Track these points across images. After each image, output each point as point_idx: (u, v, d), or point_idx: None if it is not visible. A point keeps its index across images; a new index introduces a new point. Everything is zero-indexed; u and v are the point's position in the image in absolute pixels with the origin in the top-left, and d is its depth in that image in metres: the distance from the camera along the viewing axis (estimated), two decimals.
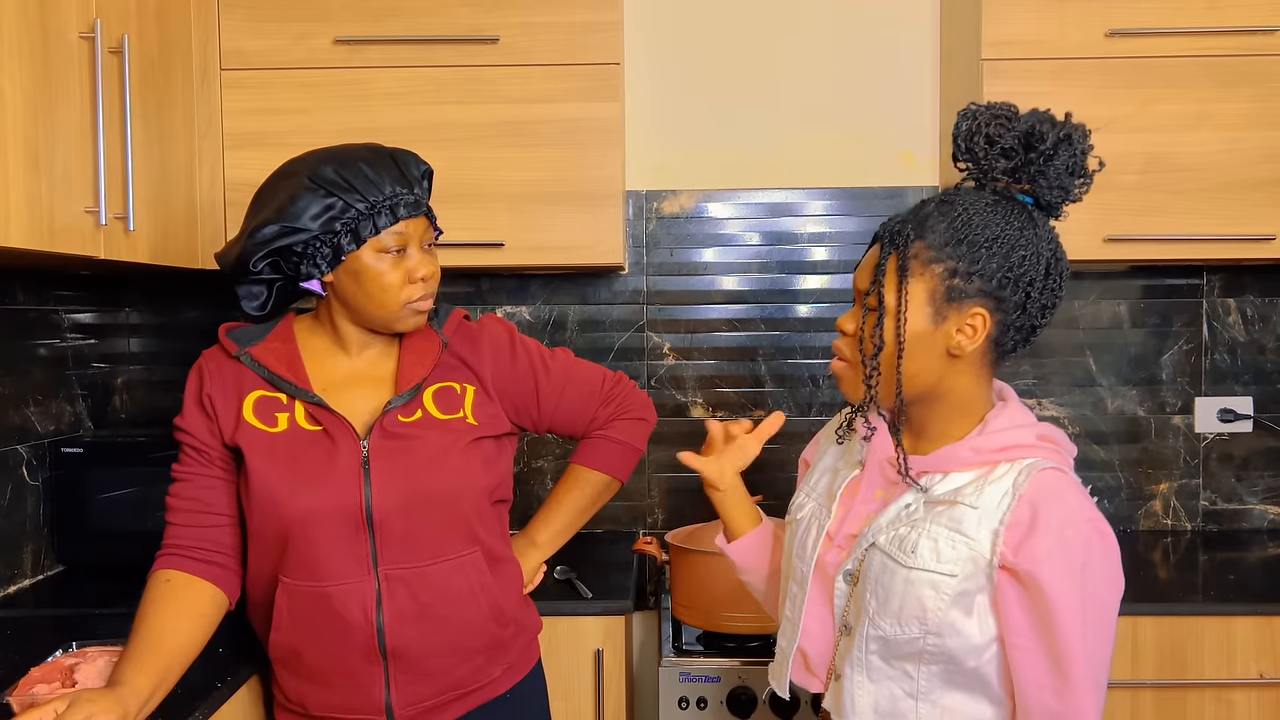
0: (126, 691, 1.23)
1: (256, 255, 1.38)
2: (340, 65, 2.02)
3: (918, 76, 2.36)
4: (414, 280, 1.41)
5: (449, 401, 1.46)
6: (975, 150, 1.18)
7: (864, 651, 1.19)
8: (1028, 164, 1.17)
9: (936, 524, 1.15)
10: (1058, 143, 1.15)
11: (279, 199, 1.38)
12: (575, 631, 1.87)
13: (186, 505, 1.43)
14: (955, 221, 1.15)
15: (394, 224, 1.38)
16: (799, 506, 1.33)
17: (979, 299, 1.14)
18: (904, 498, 1.19)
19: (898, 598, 1.15)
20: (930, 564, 1.14)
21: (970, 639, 1.14)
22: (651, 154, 2.38)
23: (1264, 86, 2.00)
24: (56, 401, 2.08)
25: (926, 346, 1.16)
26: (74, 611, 1.80)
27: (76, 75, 1.55)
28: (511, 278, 2.38)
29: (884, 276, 1.17)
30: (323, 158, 1.40)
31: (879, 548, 1.18)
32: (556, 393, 1.57)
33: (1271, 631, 1.83)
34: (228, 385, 1.44)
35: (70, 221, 1.53)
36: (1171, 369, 2.36)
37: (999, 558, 1.12)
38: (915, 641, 1.15)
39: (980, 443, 1.17)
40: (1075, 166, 1.17)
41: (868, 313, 1.18)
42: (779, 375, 2.40)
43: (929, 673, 1.16)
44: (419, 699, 1.42)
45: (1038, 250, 1.15)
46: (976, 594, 1.13)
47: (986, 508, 1.13)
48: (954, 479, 1.18)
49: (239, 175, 2.02)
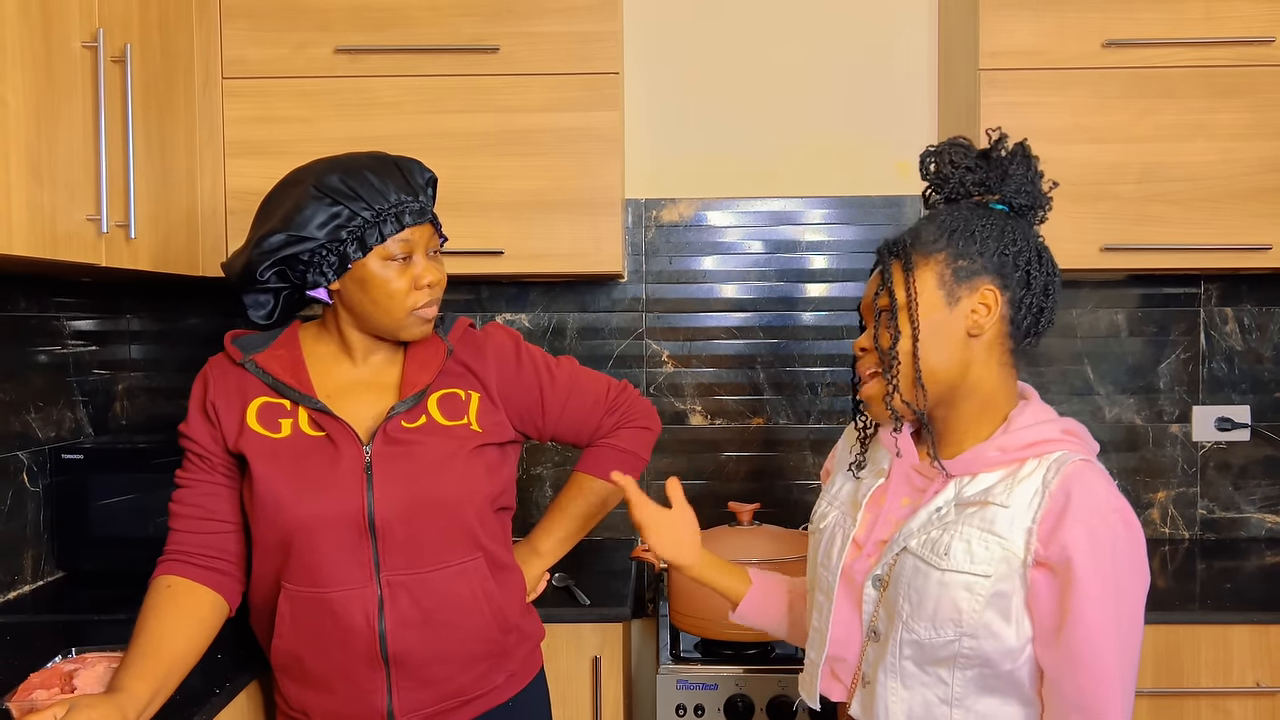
0: (125, 698, 1.24)
1: (263, 264, 1.39)
2: (341, 74, 2.03)
3: (915, 87, 2.37)
4: (420, 287, 1.42)
5: (453, 408, 1.47)
6: (944, 175, 1.27)
7: (898, 657, 1.19)
8: (990, 174, 1.25)
9: (969, 525, 1.17)
10: (1013, 149, 1.25)
11: (285, 208, 1.39)
12: (573, 638, 1.87)
13: (189, 511, 1.44)
14: (945, 222, 1.23)
15: (399, 231, 1.39)
16: (822, 515, 1.34)
17: (986, 275, 1.20)
18: (935, 501, 1.21)
19: (932, 600, 1.16)
20: (964, 565, 1.15)
21: (1006, 642, 1.14)
22: (651, 162, 2.39)
23: (1261, 97, 2.01)
24: (57, 408, 2.08)
25: (946, 332, 1.20)
26: (74, 617, 1.80)
27: (79, 84, 1.56)
28: (511, 285, 2.38)
29: (890, 281, 1.22)
30: (328, 166, 1.41)
31: (911, 551, 1.19)
32: (561, 401, 1.58)
33: (1268, 640, 1.83)
34: (232, 392, 1.44)
35: (72, 229, 1.53)
36: (1169, 378, 2.37)
37: (1033, 555, 1.13)
38: (950, 645, 1.16)
39: (1006, 441, 1.19)
40: (1032, 172, 1.26)
41: (880, 314, 1.23)
42: (777, 383, 2.40)
43: (964, 678, 1.17)
44: (421, 705, 1.43)
45: (1026, 240, 1.22)
46: (1012, 595, 1.14)
47: (1018, 506, 1.15)
48: (982, 479, 1.19)
49: (240, 184, 2.03)
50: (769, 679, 1.82)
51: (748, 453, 2.40)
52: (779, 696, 1.80)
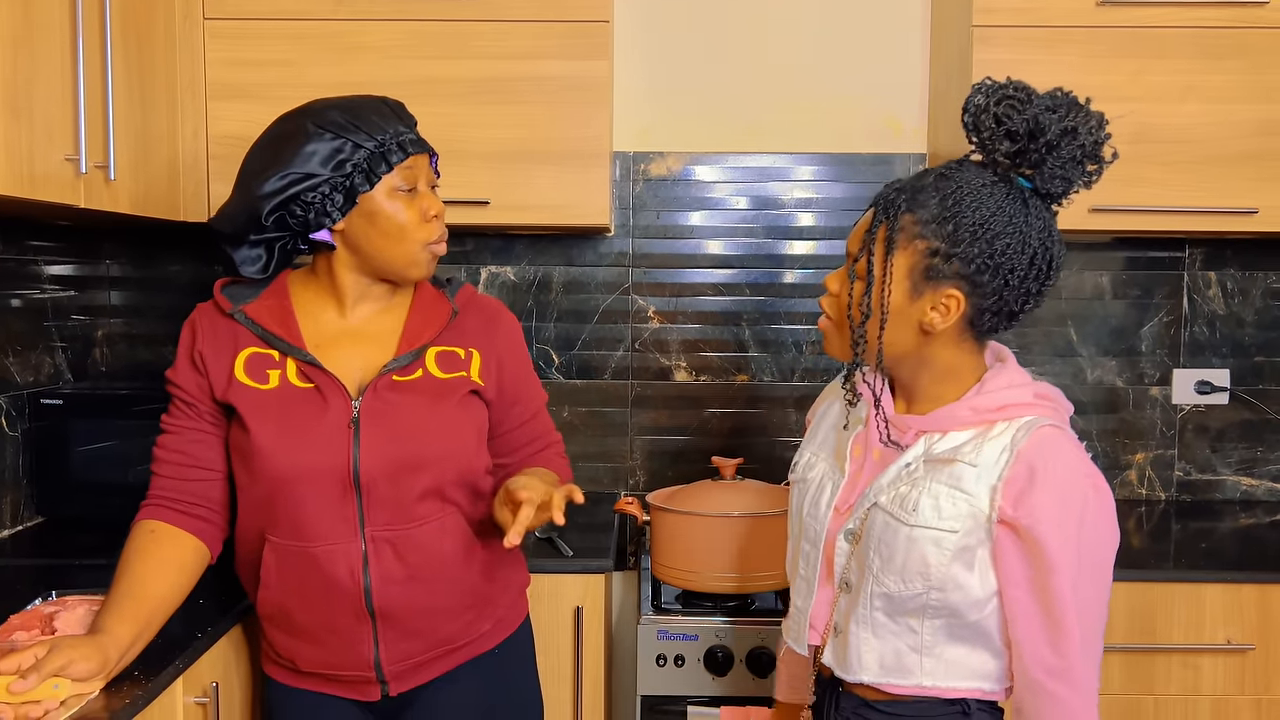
0: (107, 639, 1.24)
1: (268, 207, 1.37)
2: (325, 17, 1.99)
3: (908, 43, 2.35)
4: (429, 219, 1.41)
5: (452, 363, 1.46)
6: (982, 127, 1.18)
7: (869, 609, 1.22)
8: (1030, 151, 1.16)
9: (936, 481, 1.18)
10: (1061, 134, 1.15)
11: (285, 150, 1.36)
12: (556, 589, 1.88)
13: (173, 458, 1.43)
14: (947, 200, 1.16)
15: (404, 159, 1.39)
16: (808, 465, 1.35)
17: (955, 281, 1.16)
18: (903, 457, 1.22)
19: (901, 555, 1.18)
20: (932, 521, 1.17)
21: (971, 593, 1.17)
22: (640, 115, 2.37)
23: (1252, 59, 2.00)
24: (35, 353, 2.06)
25: (901, 320, 1.19)
26: (54, 562, 1.79)
27: (56, 20, 1.52)
28: (497, 238, 2.36)
29: (874, 244, 1.19)
30: (323, 105, 1.40)
31: (881, 507, 1.21)
32: (529, 412, 1.56)
33: (1240, 598, 1.86)
34: (221, 342, 1.42)
35: (50, 169, 1.51)
36: (1151, 340, 2.38)
37: (998, 512, 1.15)
38: (919, 597, 1.19)
39: (979, 402, 1.20)
40: (1082, 155, 1.17)
41: (855, 280, 1.21)
42: (763, 340, 2.40)
43: (932, 627, 1.20)
44: (408, 655, 1.43)
45: (1024, 240, 1.16)
46: (977, 549, 1.17)
47: (985, 464, 1.17)
48: (953, 437, 1.20)
49: (222, 128, 2.00)
50: (749, 630, 1.84)
51: (732, 409, 2.41)
52: (758, 648, 1.82)
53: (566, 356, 2.39)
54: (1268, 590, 1.86)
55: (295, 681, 1.47)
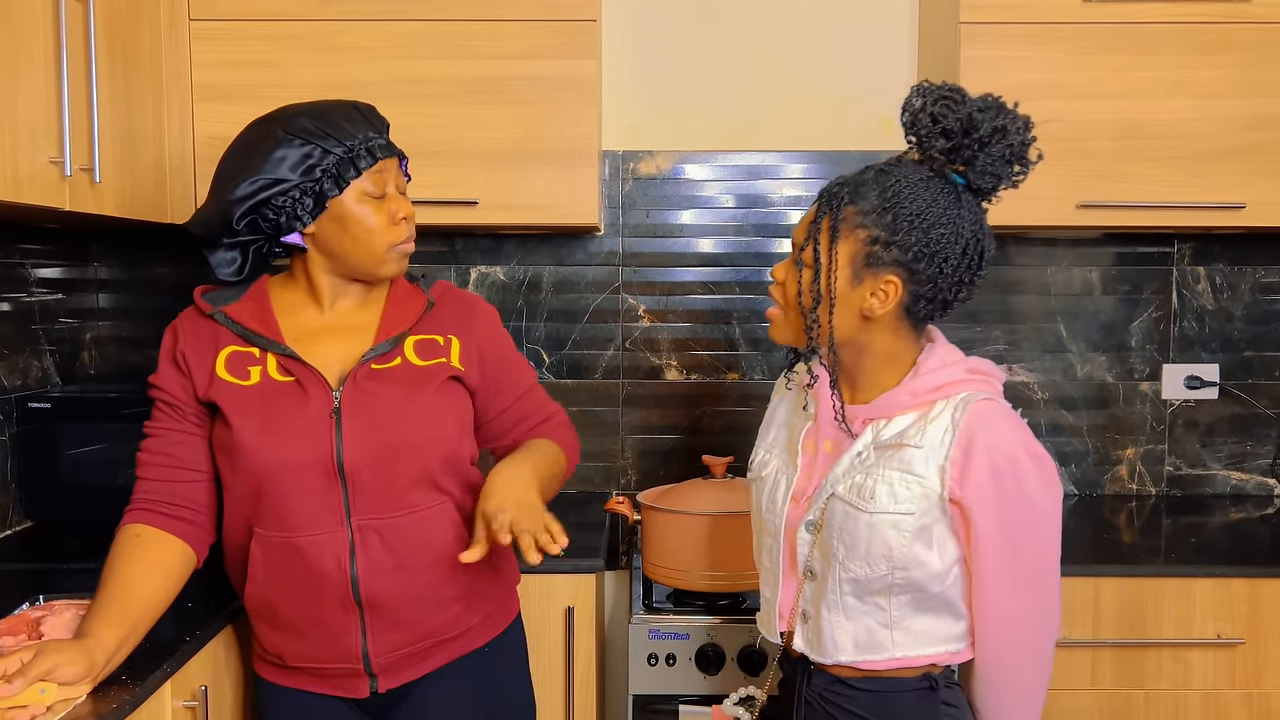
0: (94, 643, 1.24)
1: (238, 212, 1.39)
2: (312, 18, 1.99)
3: (896, 40, 2.35)
4: (396, 221, 1.43)
5: (431, 350, 1.48)
6: (919, 125, 1.26)
7: (838, 594, 1.29)
8: (963, 147, 1.23)
9: (888, 468, 1.25)
10: (992, 132, 1.22)
11: (255, 156, 1.39)
12: (547, 589, 1.88)
13: (158, 460, 1.43)
14: (886, 191, 1.23)
15: (373, 165, 1.41)
16: (763, 464, 1.42)
17: (894, 268, 1.23)
18: (854, 446, 1.28)
19: (864, 542, 1.25)
20: (889, 507, 1.24)
21: (933, 568, 1.25)
22: (629, 114, 2.37)
23: (1239, 55, 2.00)
24: (23, 356, 2.05)
25: (843, 306, 1.25)
26: (41, 566, 1.79)
27: (40, 23, 1.51)
28: (486, 238, 2.36)
29: (819, 234, 1.25)
30: (294, 111, 1.42)
31: (839, 497, 1.28)
32: (516, 393, 1.57)
33: (1229, 593, 1.86)
34: (203, 343, 1.44)
35: (34, 172, 1.50)
36: (1141, 336, 2.39)
37: (949, 490, 1.22)
38: (885, 578, 1.25)
39: (916, 385, 1.27)
40: (1010, 155, 1.24)
41: (802, 268, 1.27)
42: (753, 339, 2.40)
43: (900, 602, 1.27)
44: (395, 647, 1.43)
45: (958, 230, 1.23)
46: (934, 526, 1.24)
47: (931, 445, 1.24)
48: (897, 422, 1.27)
49: (209, 129, 1.99)
50: (740, 629, 1.84)
51: (722, 407, 2.41)
52: (749, 646, 1.82)
53: (557, 356, 2.39)
54: (1258, 584, 1.86)
55: (284, 679, 1.47)
